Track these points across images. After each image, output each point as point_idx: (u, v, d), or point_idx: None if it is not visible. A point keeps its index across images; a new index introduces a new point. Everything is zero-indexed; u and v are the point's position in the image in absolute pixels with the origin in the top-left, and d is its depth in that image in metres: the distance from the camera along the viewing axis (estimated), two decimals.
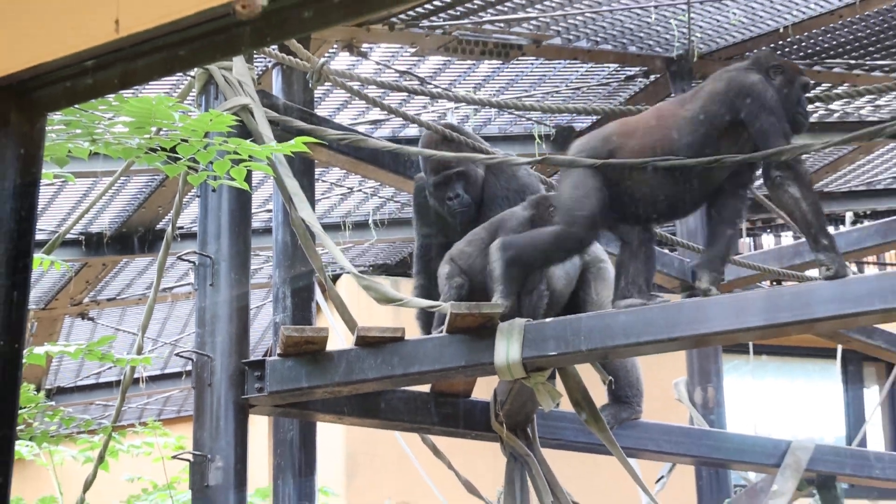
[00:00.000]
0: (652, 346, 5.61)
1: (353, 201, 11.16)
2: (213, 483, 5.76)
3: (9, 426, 2.71)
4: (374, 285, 5.63)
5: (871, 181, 12.21)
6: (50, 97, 2.82)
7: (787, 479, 7.04)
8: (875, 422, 13.43)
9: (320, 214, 10.36)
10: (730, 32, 9.62)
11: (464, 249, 5.99)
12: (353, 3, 2.55)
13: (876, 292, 5.43)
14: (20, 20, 2.71)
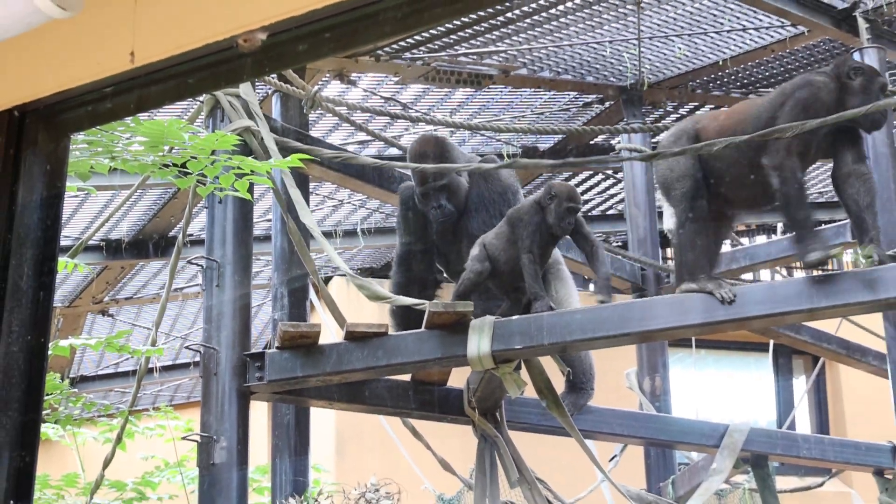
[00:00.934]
0: (605, 340, 5.62)
1: (343, 212, 11.16)
2: (219, 461, 5.74)
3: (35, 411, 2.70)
4: (366, 284, 5.64)
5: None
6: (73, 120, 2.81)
7: (725, 459, 7.04)
8: (802, 408, 13.45)
9: None
10: (675, 64, 9.64)
11: (493, 241, 5.95)
12: (342, 38, 2.55)
13: (803, 294, 5.45)
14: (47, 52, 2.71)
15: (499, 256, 5.89)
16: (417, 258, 6.25)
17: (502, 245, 5.91)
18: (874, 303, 5.50)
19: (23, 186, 2.75)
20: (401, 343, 5.64)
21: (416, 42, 8.80)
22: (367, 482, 6.20)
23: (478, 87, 9.43)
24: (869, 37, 8.59)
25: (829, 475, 8.96)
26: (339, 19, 2.49)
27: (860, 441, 8.12)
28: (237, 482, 5.77)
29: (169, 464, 8.26)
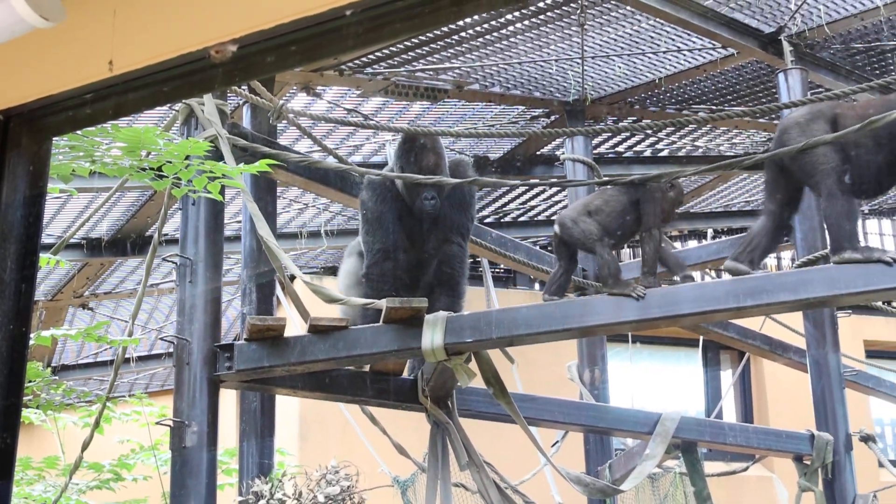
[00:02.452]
0: (549, 335, 5.64)
1: (308, 214, 11.13)
2: (190, 444, 5.71)
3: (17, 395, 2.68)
4: (320, 289, 5.62)
5: (728, 204, 12.33)
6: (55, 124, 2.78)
7: (657, 445, 7.06)
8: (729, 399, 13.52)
9: (281, 224, 10.32)
10: (615, 82, 9.66)
11: (600, 206, 5.91)
12: (307, 51, 2.54)
13: (730, 294, 5.48)
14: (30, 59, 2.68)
15: (608, 222, 5.87)
16: (399, 249, 6.17)
17: (615, 212, 5.87)
18: (795, 302, 5.55)
19: (7, 186, 2.72)
20: (360, 336, 5.63)
21: (377, 58, 8.79)
22: (327, 465, 6.18)
23: (433, 100, 9.43)
24: (793, 59, 8.65)
25: (752, 461, 9.01)
26: (304, 33, 2.48)
27: (781, 429, 8.17)
28: (207, 464, 5.75)
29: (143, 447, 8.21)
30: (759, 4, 8.46)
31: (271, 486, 6.02)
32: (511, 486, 6.71)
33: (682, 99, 10.03)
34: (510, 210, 12.07)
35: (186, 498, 5.68)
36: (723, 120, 10.01)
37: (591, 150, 9.83)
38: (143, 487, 8.31)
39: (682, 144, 11.01)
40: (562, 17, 8.52)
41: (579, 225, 5.86)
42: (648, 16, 8.42)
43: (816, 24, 8.66)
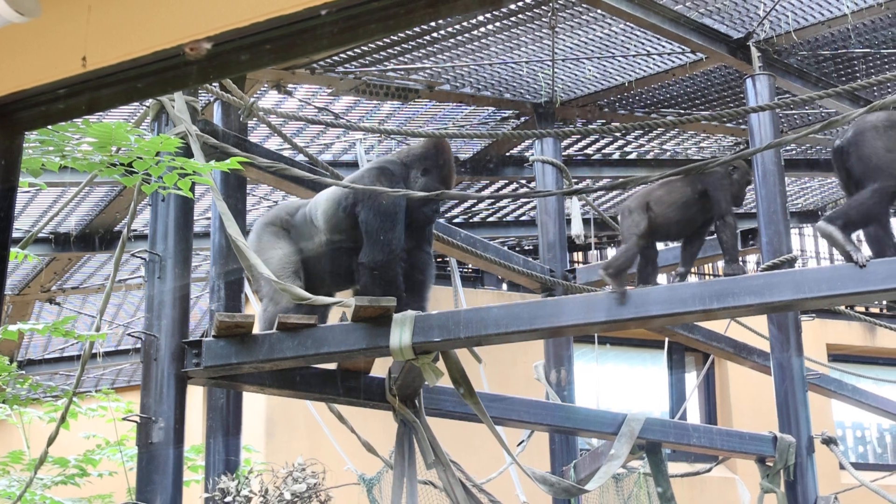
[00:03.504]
0: (517, 335, 5.65)
1: None
2: (156, 440, 5.69)
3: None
4: (288, 287, 5.60)
5: None
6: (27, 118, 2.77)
7: (622, 445, 7.09)
8: (693, 400, 13.58)
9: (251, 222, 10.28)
10: (585, 85, 9.69)
11: (662, 197, 5.92)
12: (282, 50, 2.53)
13: (697, 297, 5.51)
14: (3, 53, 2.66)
15: (669, 213, 5.87)
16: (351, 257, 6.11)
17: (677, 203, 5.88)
18: (760, 306, 5.58)
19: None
20: (329, 334, 5.63)
21: (349, 57, 8.78)
22: (294, 462, 6.17)
23: (405, 100, 9.43)
24: (761, 65, 8.70)
25: (715, 462, 9.06)
26: (279, 32, 2.48)
27: (744, 431, 8.20)
28: (173, 460, 5.72)
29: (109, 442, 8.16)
30: (728, 10, 8.50)
31: (238, 483, 6.01)
32: (477, 484, 6.72)
33: (652, 102, 10.07)
34: (479, 210, 12.08)
35: (152, 494, 5.66)
36: (691, 124, 10.06)
37: (561, 151, 9.85)
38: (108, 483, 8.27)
39: (651, 148, 11.05)
40: (533, 20, 8.54)
41: (632, 216, 5.89)
42: (619, 19, 8.44)
43: (784, 31, 8.71)
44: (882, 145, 5.70)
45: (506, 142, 10.41)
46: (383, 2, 2.42)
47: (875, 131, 5.76)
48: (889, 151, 5.68)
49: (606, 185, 5.81)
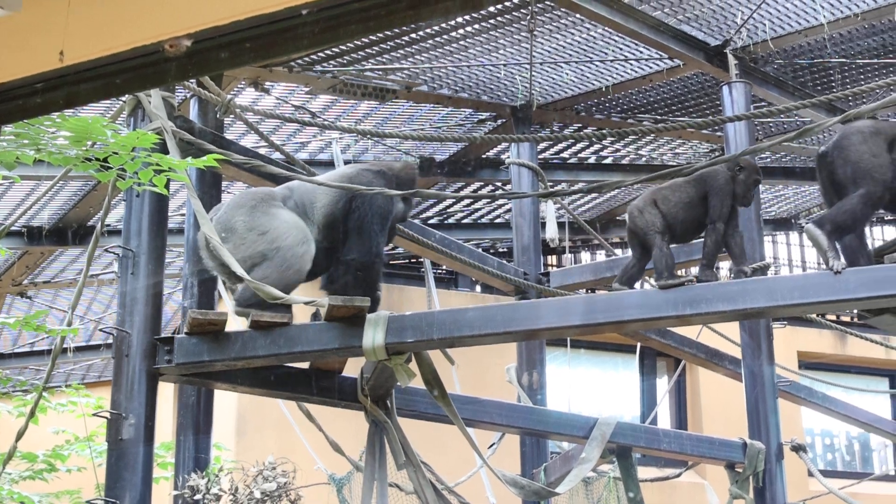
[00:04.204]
0: (491, 337, 5.65)
1: None
2: (126, 437, 5.67)
3: None
4: (261, 286, 5.57)
5: None
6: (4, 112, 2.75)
7: (593, 449, 7.10)
8: (664, 405, 13.61)
9: None
10: (563, 89, 9.71)
11: (668, 196, 5.90)
12: (262, 48, 2.53)
13: (671, 302, 5.53)
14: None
15: (675, 212, 5.86)
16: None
17: (682, 202, 5.87)
18: (734, 312, 5.61)
19: None
20: (302, 333, 5.62)
21: (327, 56, 8.77)
22: (264, 461, 6.15)
23: (382, 100, 9.43)
24: (737, 72, 8.74)
25: (685, 467, 9.08)
26: (260, 31, 2.47)
27: (715, 437, 8.23)
28: (143, 457, 5.71)
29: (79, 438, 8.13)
30: (706, 17, 8.54)
31: (207, 481, 5.99)
32: (447, 486, 6.72)
33: (628, 107, 10.10)
34: (454, 212, 12.08)
35: (121, 490, 5.64)
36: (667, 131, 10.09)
37: (537, 155, 9.87)
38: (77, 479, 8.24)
39: (627, 153, 11.08)
40: (512, 23, 8.55)
41: (644, 215, 5.88)
42: (597, 24, 8.47)
43: (761, 39, 8.76)
44: (867, 150, 5.74)
45: (482, 144, 10.41)
46: (364, 3, 2.42)
47: (860, 136, 5.80)
48: (874, 156, 5.71)
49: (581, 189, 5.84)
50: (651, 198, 5.95)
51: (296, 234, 5.73)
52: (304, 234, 5.76)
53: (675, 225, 5.88)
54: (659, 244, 5.76)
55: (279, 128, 9.81)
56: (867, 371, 14.77)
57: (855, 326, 13.02)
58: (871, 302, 5.54)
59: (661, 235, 5.80)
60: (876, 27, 8.73)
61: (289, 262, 5.67)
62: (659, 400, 13.02)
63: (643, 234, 5.87)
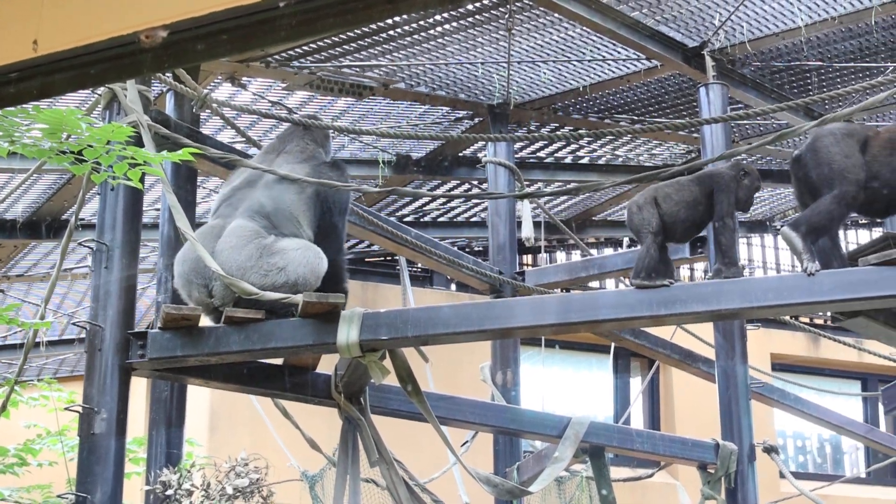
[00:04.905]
0: (466, 335, 5.65)
1: None
2: (98, 431, 5.64)
3: None
4: (235, 282, 5.55)
5: None
6: None
7: (566, 448, 7.10)
8: (637, 405, 13.64)
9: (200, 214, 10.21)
10: (541, 88, 9.71)
11: (670, 194, 5.87)
12: (238, 40, 2.51)
13: (646, 303, 5.53)
14: None
15: (677, 211, 5.85)
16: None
17: (684, 201, 5.85)
18: (708, 313, 5.62)
19: None
20: (276, 329, 5.60)
21: (304, 51, 8.75)
22: (237, 457, 6.13)
23: (359, 97, 9.41)
24: (715, 74, 8.76)
25: (658, 467, 9.10)
26: (237, 22, 2.45)
27: (687, 437, 8.25)
28: (115, 452, 5.68)
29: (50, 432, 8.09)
30: (684, 19, 8.55)
31: (179, 477, 5.96)
32: (420, 484, 6.71)
33: (606, 108, 10.11)
34: (430, 210, 12.07)
35: (92, 485, 5.61)
36: (644, 132, 10.11)
37: (514, 154, 9.88)
38: (48, 473, 8.19)
39: (604, 153, 11.09)
40: (490, 21, 8.54)
41: (642, 212, 5.85)
42: (576, 24, 8.47)
43: (739, 41, 8.77)
44: (839, 151, 5.75)
45: (459, 142, 10.40)
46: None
47: (833, 138, 5.82)
48: (847, 157, 5.73)
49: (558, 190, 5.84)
50: (652, 195, 5.91)
51: (308, 254, 5.71)
52: (314, 250, 5.73)
53: (676, 224, 5.86)
54: (648, 244, 5.74)
55: (256, 123, 9.78)
56: (840, 374, 14.83)
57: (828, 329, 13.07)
58: (844, 304, 5.55)
59: (654, 235, 5.78)
60: (853, 30, 8.76)
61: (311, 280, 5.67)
62: (632, 400, 13.05)
63: (637, 232, 5.86)
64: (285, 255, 5.62)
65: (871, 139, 5.87)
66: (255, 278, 5.55)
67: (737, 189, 5.93)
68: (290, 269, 5.58)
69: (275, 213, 5.82)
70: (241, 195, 5.94)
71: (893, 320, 5.79)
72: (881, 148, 5.82)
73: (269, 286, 5.54)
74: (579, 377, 13.78)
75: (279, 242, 5.68)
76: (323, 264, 5.68)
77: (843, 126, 5.98)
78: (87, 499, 5.58)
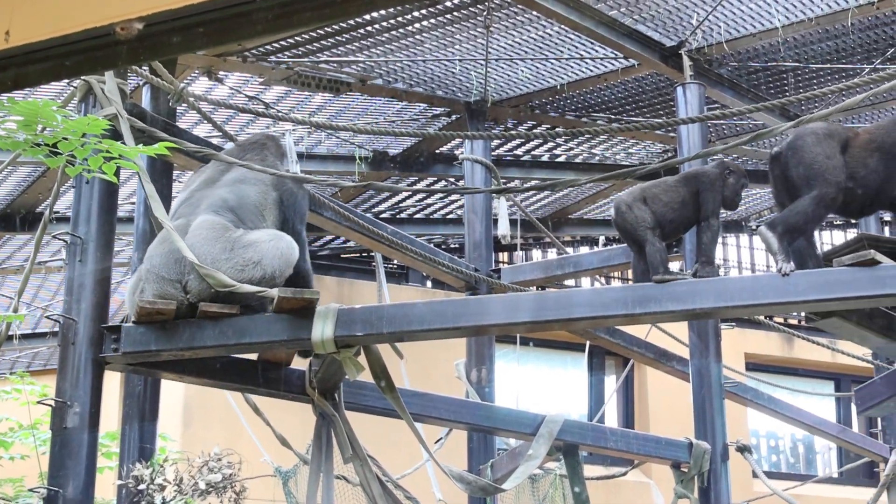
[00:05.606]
0: (441, 332, 5.65)
1: None
2: (71, 425, 5.62)
3: None
4: (212, 273, 5.52)
5: None
6: None
7: (540, 446, 7.11)
8: (611, 404, 13.67)
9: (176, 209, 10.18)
10: (518, 86, 9.71)
11: (658, 195, 5.87)
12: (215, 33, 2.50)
13: (620, 301, 5.53)
14: None
15: (665, 212, 5.84)
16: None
17: (673, 202, 5.85)
18: (683, 312, 5.62)
19: None
20: (251, 324, 5.58)
21: (282, 46, 8.73)
22: (210, 452, 6.11)
23: (336, 92, 9.39)
24: (692, 74, 8.77)
25: (631, 466, 9.11)
26: (213, 15, 2.44)
27: (661, 436, 8.27)
28: (87, 446, 5.65)
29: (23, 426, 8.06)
30: (662, 18, 8.56)
31: (152, 471, 5.94)
32: (393, 480, 6.70)
33: (583, 106, 10.12)
34: (406, 206, 12.07)
35: (64, 479, 5.58)
36: (621, 131, 10.13)
37: (490, 151, 9.88)
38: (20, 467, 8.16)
39: (580, 151, 11.10)
40: (468, 18, 8.54)
41: (633, 211, 5.85)
42: (554, 22, 8.47)
43: (716, 41, 8.79)
44: (821, 152, 5.76)
45: (436, 139, 10.41)
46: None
47: (815, 138, 5.83)
48: (828, 158, 5.75)
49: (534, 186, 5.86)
50: (641, 195, 5.92)
51: (281, 245, 5.70)
52: (286, 239, 5.74)
53: (664, 224, 5.88)
54: (651, 239, 5.76)
55: (232, 118, 9.76)
56: (813, 374, 14.90)
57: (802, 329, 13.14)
58: (818, 305, 5.57)
59: (653, 230, 5.80)
60: (830, 32, 8.79)
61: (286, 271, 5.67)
62: (607, 398, 13.08)
63: (633, 230, 5.86)
64: (258, 248, 5.60)
65: (851, 140, 5.90)
66: (231, 273, 5.53)
67: (722, 188, 5.95)
68: (265, 263, 5.56)
69: (239, 208, 5.81)
70: (200, 195, 5.93)
71: (867, 321, 5.81)
72: (860, 149, 5.85)
73: (245, 281, 5.53)
74: (554, 375, 13.80)
75: (249, 235, 5.67)
76: (295, 253, 5.69)
77: (825, 126, 6.00)
78: (59, 493, 5.55)
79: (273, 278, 5.56)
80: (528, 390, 12.90)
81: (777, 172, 5.94)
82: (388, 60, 9.11)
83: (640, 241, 5.84)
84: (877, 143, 5.85)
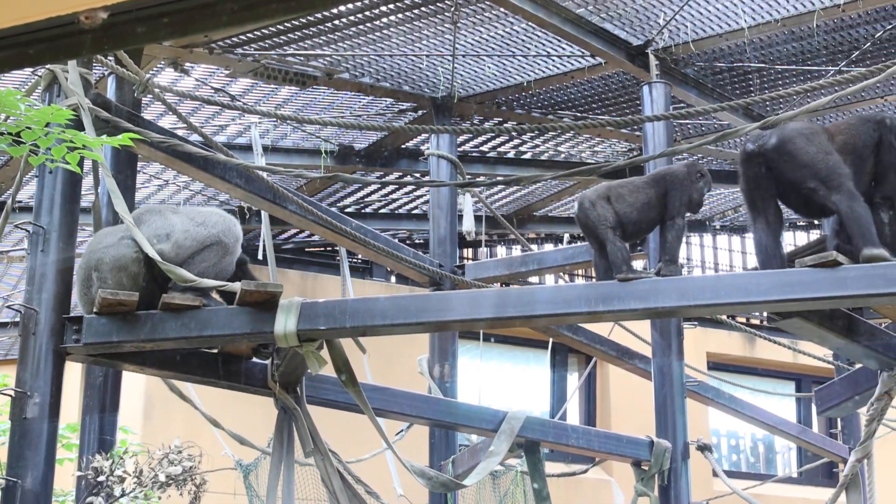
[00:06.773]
0: (403, 327, 5.65)
1: (168, 191, 10.97)
2: (31, 416, 5.59)
3: None
4: (172, 268, 5.53)
5: None
6: None
7: (502, 442, 7.13)
8: (573, 401, 13.71)
9: (140, 200, 10.15)
10: (485, 82, 9.73)
11: (623, 195, 5.86)
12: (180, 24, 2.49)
13: (583, 298, 5.56)
14: None
15: (629, 213, 5.84)
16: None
17: (638, 203, 5.86)
18: (645, 310, 5.65)
19: None
20: (213, 317, 5.57)
21: (248, 39, 8.71)
22: (170, 444, 6.10)
23: (302, 86, 9.38)
24: (658, 73, 8.82)
25: (592, 463, 9.16)
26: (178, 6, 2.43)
27: (622, 434, 8.31)
28: (47, 436, 5.62)
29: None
30: (629, 17, 8.60)
31: (112, 463, 5.92)
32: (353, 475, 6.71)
33: (549, 103, 10.14)
34: (371, 201, 12.07)
35: (23, 469, 5.55)
36: (587, 128, 10.16)
37: (456, 147, 9.89)
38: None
39: (546, 149, 11.13)
40: (436, 14, 8.55)
41: (596, 209, 5.85)
42: (521, 19, 8.49)
43: (683, 41, 8.84)
44: (816, 150, 5.75)
45: (402, 134, 10.41)
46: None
47: (804, 138, 5.79)
48: (828, 154, 5.75)
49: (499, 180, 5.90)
50: (605, 193, 5.92)
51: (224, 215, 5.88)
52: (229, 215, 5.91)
53: (627, 224, 5.88)
54: (612, 238, 5.77)
55: (198, 110, 9.73)
56: (774, 374, 15.00)
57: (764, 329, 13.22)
58: (780, 305, 5.60)
59: (613, 230, 5.80)
60: (795, 33, 8.85)
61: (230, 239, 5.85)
62: (569, 396, 13.12)
63: (594, 228, 5.86)
64: (202, 213, 5.88)
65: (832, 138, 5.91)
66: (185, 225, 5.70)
67: (690, 189, 5.97)
68: (210, 223, 5.76)
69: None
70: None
71: (828, 322, 5.85)
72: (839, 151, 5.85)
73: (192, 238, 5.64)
74: (517, 372, 13.82)
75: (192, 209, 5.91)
76: (238, 228, 5.90)
77: (807, 125, 5.99)
78: (18, 483, 5.52)
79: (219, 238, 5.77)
80: (491, 387, 12.92)
81: (751, 172, 5.90)
82: (354, 54, 9.11)
83: (600, 240, 5.84)
84: (851, 146, 5.87)
